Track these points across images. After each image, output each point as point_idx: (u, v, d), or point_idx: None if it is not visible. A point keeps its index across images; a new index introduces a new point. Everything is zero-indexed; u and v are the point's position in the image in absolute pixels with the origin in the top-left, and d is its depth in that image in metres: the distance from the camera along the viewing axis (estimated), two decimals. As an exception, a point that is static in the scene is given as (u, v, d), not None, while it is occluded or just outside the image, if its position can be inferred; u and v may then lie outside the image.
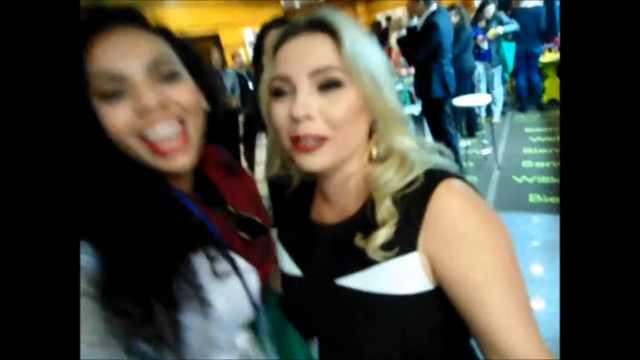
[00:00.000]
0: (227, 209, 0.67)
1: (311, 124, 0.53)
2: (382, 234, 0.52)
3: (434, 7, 3.19)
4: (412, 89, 4.16)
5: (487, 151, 4.12)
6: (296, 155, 0.55)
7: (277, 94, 0.55)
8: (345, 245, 0.58)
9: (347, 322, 0.57)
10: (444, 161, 0.58)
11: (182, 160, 0.55)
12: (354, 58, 0.52)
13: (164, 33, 0.59)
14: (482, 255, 0.50)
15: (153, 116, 0.52)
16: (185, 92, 0.56)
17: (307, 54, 0.53)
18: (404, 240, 0.52)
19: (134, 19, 0.57)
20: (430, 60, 3.26)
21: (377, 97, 0.55)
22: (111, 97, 0.52)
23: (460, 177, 0.55)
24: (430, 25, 3.14)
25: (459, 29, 4.23)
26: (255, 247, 0.67)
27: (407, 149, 0.58)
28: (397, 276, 0.53)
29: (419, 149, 0.59)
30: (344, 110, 0.53)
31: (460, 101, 3.77)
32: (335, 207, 0.64)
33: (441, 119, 3.45)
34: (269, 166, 0.66)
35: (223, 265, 0.59)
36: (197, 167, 0.62)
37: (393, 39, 4.35)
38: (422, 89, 3.43)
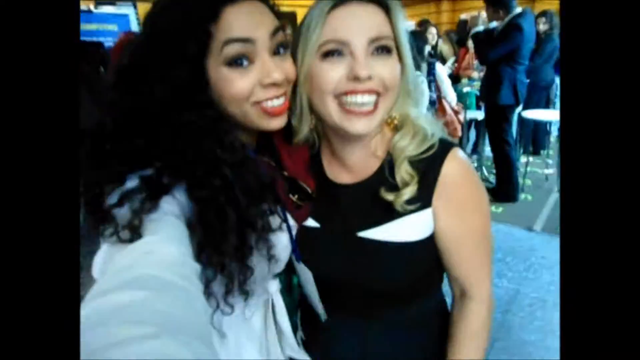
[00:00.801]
0: (283, 173, 0.71)
1: (371, 83, 0.60)
2: (408, 191, 0.63)
3: (518, 9, 3.01)
4: (479, 93, 3.97)
5: (549, 171, 3.86)
6: (345, 119, 0.62)
7: (328, 55, 0.61)
8: (366, 202, 0.68)
9: (364, 267, 0.68)
10: (444, 133, 0.69)
11: (282, 119, 0.63)
12: (401, 31, 0.62)
13: (273, 10, 0.64)
14: (471, 216, 0.67)
15: (274, 89, 0.59)
16: (292, 66, 0.63)
17: (366, 22, 0.60)
18: (423, 197, 0.64)
19: None
20: (504, 63, 3.05)
21: (408, 69, 0.65)
22: (238, 64, 0.57)
23: (457, 145, 0.67)
24: (514, 25, 2.93)
25: (544, 38, 3.95)
26: (301, 210, 0.72)
27: (420, 118, 0.67)
28: (415, 227, 0.66)
29: (430, 120, 0.68)
30: (393, 73, 0.62)
31: (530, 114, 3.55)
32: (352, 168, 0.72)
33: (503, 129, 3.25)
34: (297, 131, 0.70)
35: (277, 219, 0.67)
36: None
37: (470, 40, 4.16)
38: (490, 93, 3.22)
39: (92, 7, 2.85)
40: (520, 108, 3.46)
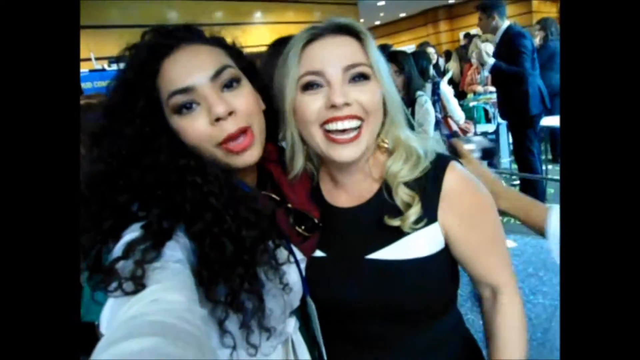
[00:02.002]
0: (286, 205, 0.71)
1: (350, 109, 0.62)
2: (413, 212, 0.63)
3: (507, 23, 3.04)
4: (487, 107, 3.94)
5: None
6: (330, 148, 0.64)
7: (308, 87, 0.63)
8: (370, 225, 0.67)
9: (376, 289, 0.67)
10: (439, 147, 0.70)
11: (250, 155, 0.62)
12: (376, 58, 0.65)
13: (220, 44, 0.66)
14: (480, 222, 0.68)
15: (225, 124, 0.59)
16: (247, 97, 0.63)
17: (339, 51, 0.63)
18: (428, 214, 0.65)
19: (194, 36, 0.64)
20: (528, 72, 2.99)
21: (390, 91, 0.67)
22: (186, 110, 0.59)
23: (457, 160, 0.69)
24: (516, 34, 2.95)
25: (539, 47, 3.90)
26: (308, 241, 0.71)
27: (411, 140, 0.68)
28: (424, 243, 0.66)
29: (422, 139, 0.69)
30: (372, 98, 0.64)
31: (548, 121, 3.38)
32: (349, 192, 0.72)
33: (530, 138, 3.19)
34: (292, 164, 0.71)
35: (284, 254, 0.66)
36: (260, 163, 0.68)
37: (472, 56, 4.19)
38: (516, 105, 3.13)
39: (105, 66, 3.04)
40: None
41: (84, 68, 2.87)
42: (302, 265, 0.71)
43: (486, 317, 0.74)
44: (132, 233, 0.49)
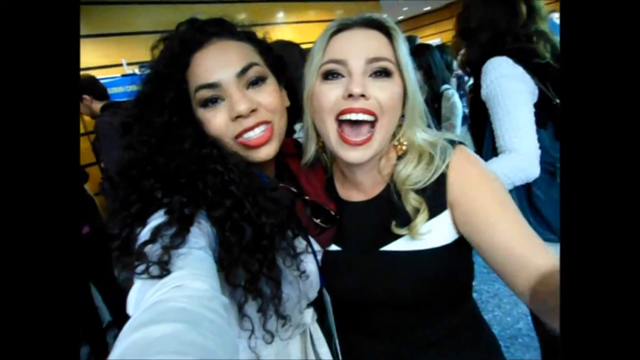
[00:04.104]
0: (304, 197, 0.73)
1: (366, 102, 0.61)
2: (420, 220, 0.62)
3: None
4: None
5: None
6: (340, 147, 0.63)
7: (329, 76, 0.63)
8: (382, 218, 0.67)
9: (391, 280, 0.67)
10: (451, 135, 0.67)
11: (265, 151, 0.64)
12: (403, 55, 0.63)
13: (250, 39, 0.68)
14: (489, 192, 0.62)
15: (245, 121, 0.62)
16: (271, 95, 0.65)
17: (365, 44, 0.62)
18: (436, 205, 0.64)
19: (226, 31, 0.66)
20: None
21: (414, 91, 0.65)
22: (211, 103, 0.62)
23: (462, 143, 0.67)
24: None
25: None
26: (325, 233, 0.72)
27: (426, 142, 0.66)
28: (436, 233, 0.64)
29: (436, 140, 0.66)
30: (391, 97, 0.62)
31: None
32: (360, 188, 0.73)
33: None
34: (305, 152, 0.72)
35: (302, 244, 0.68)
36: (278, 157, 0.69)
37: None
38: None
39: (136, 70, 3.16)
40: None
41: (116, 73, 3.00)
42: (319, 257, 0.72)
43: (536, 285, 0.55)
44: (158, 219, 0.51)
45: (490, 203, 0.61)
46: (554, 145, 1.15)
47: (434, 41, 8.24)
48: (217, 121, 0.62)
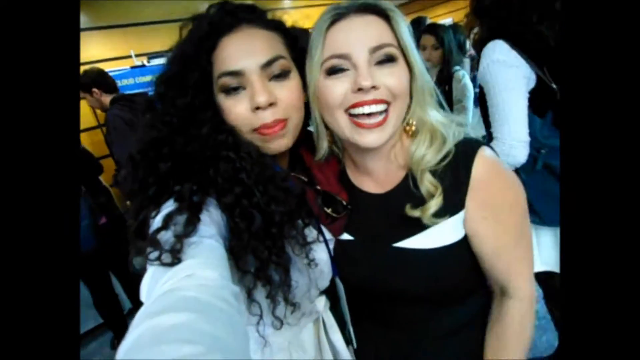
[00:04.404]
0: (316, 187, 0.72)
1: (377, 92, 0.59)
2: (434, 204, 0.61)
3: None
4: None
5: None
6: (355, 132, 0.61)
7: (333, 72, 0.61)
8: (396, 213, 0.65)
9: (403, 275, 0.66)
10: (467, 131, 0.65)
11: (283, 142, 0.64)
12: (405, 37, 0.60)
13: (279, 29, 0.66)
14: (507, 216, 0.63)
15: (263, 114, 0.61)
16: (291, 91, 0.63)
17: (365, 32, 0.59)
18: (453, 203, 0.62)
19: (256, 17, 0.64)
20: None
21: (420, 71, 0.62)
22: (233, 91, 0.61)
23: (487, 144, 0.64)
24: None
25: None
26: (336, 222, 0.72)
27: (437, 122, 0.64)
28: (450, 230, 0.63)
29: (448, 122, 0.64)
30: (400, 82, 0.60)
31: None
32: (377, 178, 0.71)
33: None
34: (318, 146, 0.71)
35: (313, 232, 0.68)
36: (292, 147, 0.68)
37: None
38: None
39: (145, 62, 3.16)
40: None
41: (125, 65, 3.01)
42: (331, 246, 0.72)
43: (491, 315, 0.70)
44: (170, 207, 0.52)
45: (506, 237, 0.63)
46: (545, 133, 1.15)
47: (446, 20, 8.01)
48: (236, 110, 0.61)
